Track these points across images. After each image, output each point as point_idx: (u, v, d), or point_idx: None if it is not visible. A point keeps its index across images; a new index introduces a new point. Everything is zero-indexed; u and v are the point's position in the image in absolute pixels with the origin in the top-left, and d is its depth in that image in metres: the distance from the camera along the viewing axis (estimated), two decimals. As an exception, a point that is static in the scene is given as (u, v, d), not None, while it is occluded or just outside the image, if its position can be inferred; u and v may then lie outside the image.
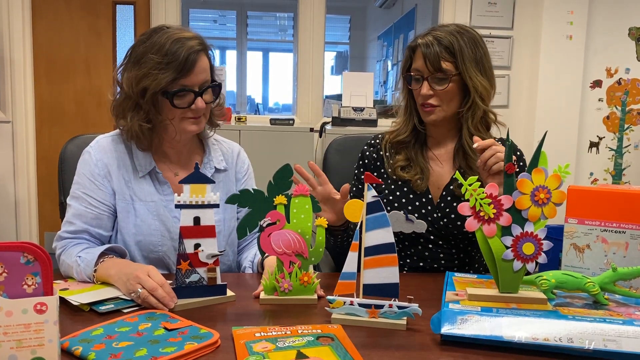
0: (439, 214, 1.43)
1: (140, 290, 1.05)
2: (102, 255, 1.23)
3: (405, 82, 1.46)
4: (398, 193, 1.46)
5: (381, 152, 1.52)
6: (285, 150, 3.33)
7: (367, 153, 1.55)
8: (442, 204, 1.43)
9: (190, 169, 1.38)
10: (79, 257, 1.23)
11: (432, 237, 1.44)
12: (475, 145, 1.27)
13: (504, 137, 1.33)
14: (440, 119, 1.42)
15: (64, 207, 1.56)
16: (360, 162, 1.56)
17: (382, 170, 1.51)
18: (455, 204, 1.40)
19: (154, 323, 0.97)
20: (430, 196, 1.44)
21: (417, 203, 1.44)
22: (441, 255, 1.45)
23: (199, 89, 1.28)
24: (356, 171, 1.57)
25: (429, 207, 1.44)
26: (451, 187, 1.44)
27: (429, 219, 1.42)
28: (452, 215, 1.41)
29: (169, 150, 1.38)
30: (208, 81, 1.31)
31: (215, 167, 1.42)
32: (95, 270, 1.19)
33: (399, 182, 1.46)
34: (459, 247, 1.45)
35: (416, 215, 1.37)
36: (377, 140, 1.55)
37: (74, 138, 1.65)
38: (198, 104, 1.28)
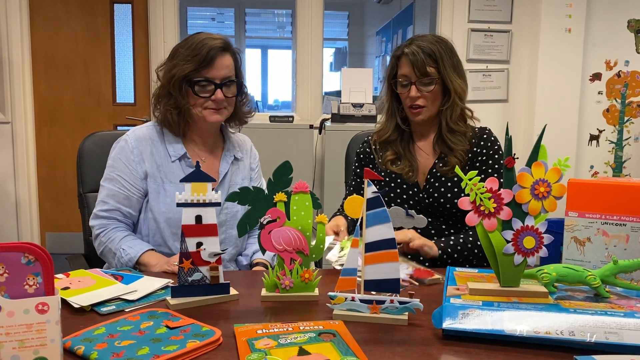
0: (425, 195, 1.62)
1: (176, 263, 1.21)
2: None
3: (390, 88, 1.66)
4: (392, 184, 1.65)
5: (372, 147, 1.71)
6: (285, 147, 3.33)
7: (361, 149, 1.75)
8: (427, 186, 1.62)
9: (215, 156, 1.60)
10: (123, 249, 1.45)
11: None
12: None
13: (478, 127, 1.65)
14: (427, 117, 1.62)
15: (82, 199, 1.73)
16: (357, 158, 1.76)
17: (375, 164, 1.70)
18: (437, 184, 1.61)
19: (155, 321, 0.97)
20: (416, 181, 1.64)
21: (405, 186, 1.63)
22: (432, 232, 1.59)
23: (220, 81, 1.47)
24: (355, 164, 1.76)
25: (415, 190, 1.63)
26: (434, 170, 1.62)
27: (416, 198, 1.62)
28: (436, 194, 1.60)
29: (196, 138, 1.58)
30: (230, 77, 1.50)
31: (234, 155, 1.63)
32: (139, 257, 1.44)
33: (392, 175, 1.65)
34: (448, 224, 1.61)
35: (405, 197, 1.62)
36: (368, 138, 1.76)
37: (91, 135, 1.79)
38: (217, 95, 1.48)
